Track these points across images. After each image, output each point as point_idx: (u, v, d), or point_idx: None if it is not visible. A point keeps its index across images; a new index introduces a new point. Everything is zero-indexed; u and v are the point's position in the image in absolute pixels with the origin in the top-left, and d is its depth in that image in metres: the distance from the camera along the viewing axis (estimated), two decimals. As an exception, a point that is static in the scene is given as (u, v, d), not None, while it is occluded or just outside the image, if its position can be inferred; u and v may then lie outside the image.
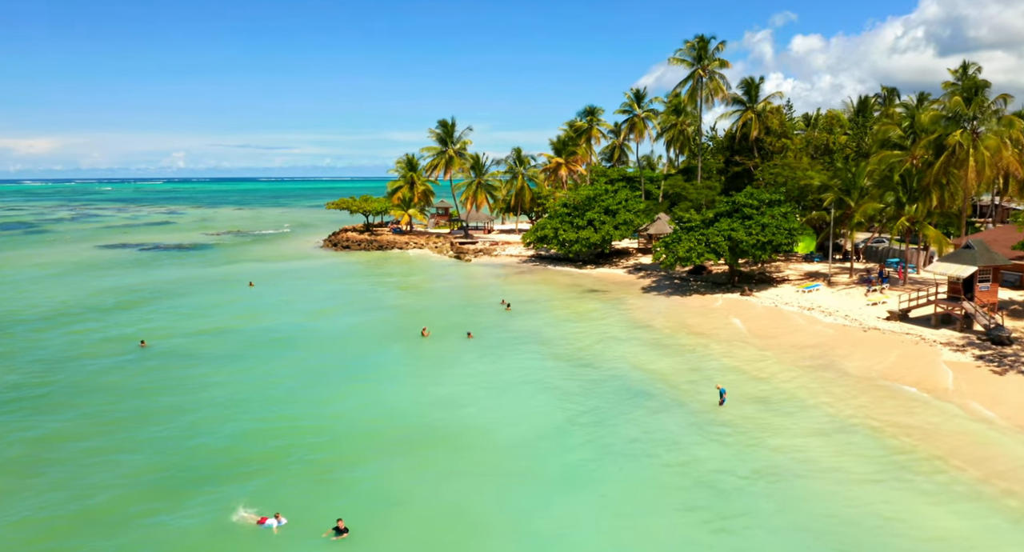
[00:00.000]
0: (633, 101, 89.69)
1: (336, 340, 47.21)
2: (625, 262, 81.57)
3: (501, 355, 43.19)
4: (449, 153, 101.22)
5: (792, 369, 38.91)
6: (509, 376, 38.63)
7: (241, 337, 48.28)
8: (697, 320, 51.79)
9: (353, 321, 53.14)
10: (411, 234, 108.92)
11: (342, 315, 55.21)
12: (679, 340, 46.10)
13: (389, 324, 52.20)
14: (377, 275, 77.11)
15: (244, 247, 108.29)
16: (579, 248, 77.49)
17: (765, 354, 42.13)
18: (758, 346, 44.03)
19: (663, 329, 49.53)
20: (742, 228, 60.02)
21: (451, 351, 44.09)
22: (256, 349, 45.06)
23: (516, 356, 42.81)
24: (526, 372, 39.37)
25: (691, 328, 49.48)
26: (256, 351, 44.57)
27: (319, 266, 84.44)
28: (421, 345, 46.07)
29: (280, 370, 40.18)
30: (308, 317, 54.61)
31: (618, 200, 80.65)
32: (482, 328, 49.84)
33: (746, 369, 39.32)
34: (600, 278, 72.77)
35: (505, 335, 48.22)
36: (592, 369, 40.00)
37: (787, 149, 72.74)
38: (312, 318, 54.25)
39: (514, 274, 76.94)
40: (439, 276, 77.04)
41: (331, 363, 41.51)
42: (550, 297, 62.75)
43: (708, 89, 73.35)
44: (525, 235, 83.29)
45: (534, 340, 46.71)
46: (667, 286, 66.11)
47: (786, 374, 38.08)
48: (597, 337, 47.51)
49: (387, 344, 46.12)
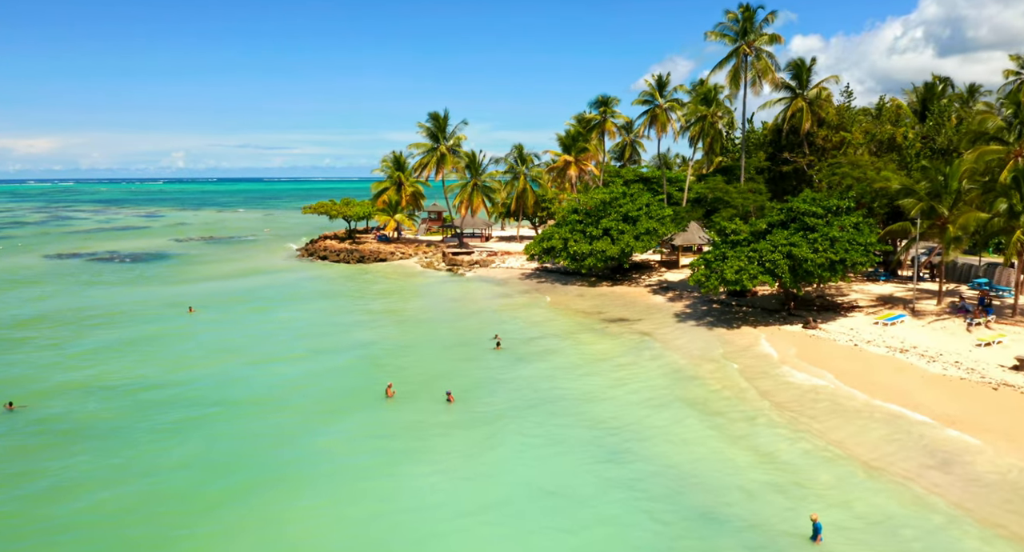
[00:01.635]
0: (654, 89, 76.59)
1: (268, 406, 34.21)
2: (647, 279, 68.54)
3: (491, 435, 30.21)
4: (441, 150, 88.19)
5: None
6: (499, 484, 25.48)
7: (147, 398, 35.37)
8: (760, 369, 38.73)
9: (301, 371, 40.20)
10: (398, 242, 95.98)
11: (289, 361, 42.24)
12: (745, 408, 33.01)
13: (347, 376, 39.20)
14: (350, 296, 64.15)
15: (209, 257, 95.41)
16: (593, 262, 64.55)
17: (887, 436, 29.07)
18: (872, 416, 30.95)
19: (716, 385, 36.48)
20: (805, 243, 47.01)
21: (420, 428, 31.08)
22: (153, 420, 32.16)
23: (512, 439, 29.79)
24: (526, 471, 26.36)
25: (755, 381, 36.41)
26: (152, 423, 31.67)
27: (285, 283, 71.49)
28: (381, 414, 33.10)
29: (165, 469, 27.07)
30: (244, 363, 41.68)
31: (639, 205, 67.67)
32: (469, 383, 36.95)
33: (857, 480, 26.30)
34: (619, 300, 59.77)
35: (499, 395, 35.28)
36: (626, 463, 26.97)
37: (847, 144, 59.66)
38: (249, 365, 41.32)
39: (515, 293, 63.98)
40: (425, 297, 64.09)
41: (243, 455, 28.34)
42: (558, 329, 49.78)
43: (755, 70, 60.00)
44: (528, 246, 70.36)
45: (538, 404, 33.79)
46: (704, 312, 53.11)
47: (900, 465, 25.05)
48: (626, 398, 34.55)
49: (335, 413, 33.11)
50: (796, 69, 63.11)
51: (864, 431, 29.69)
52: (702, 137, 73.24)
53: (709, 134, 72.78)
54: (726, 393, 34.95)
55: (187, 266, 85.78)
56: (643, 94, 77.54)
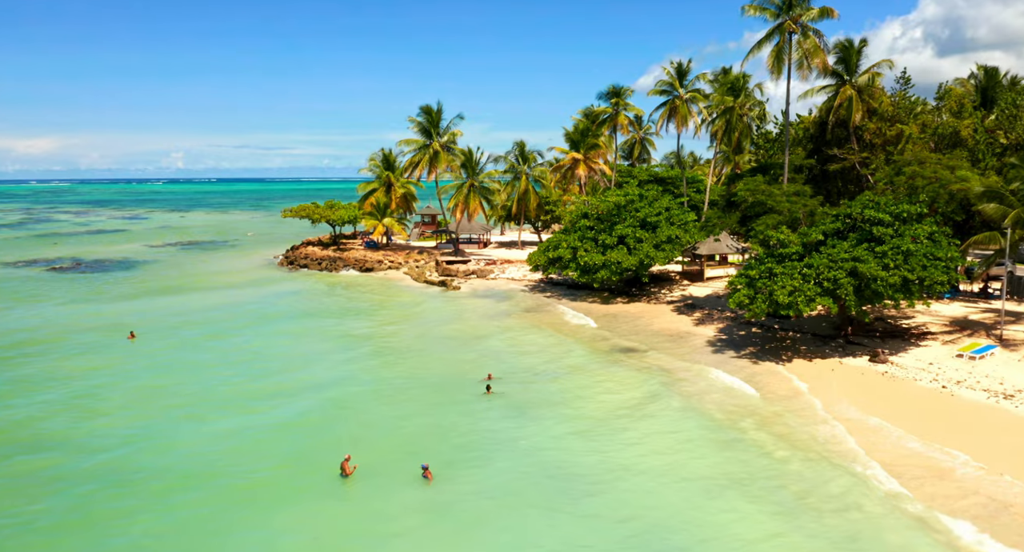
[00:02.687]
0: (674, 78, 67.68)
1: (181, 488, 25.35)
2: (668, 294, 59.65)
3: (483, 542, 21.36)
4: (434, 148, 79.25)
5: None
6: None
7: (23, 468, 26.60)
8: (835, 428, 29.75)
9: (242, 426, 31.36)
10: (387, 249, 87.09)
11: (231, 410, 33.40)
12: (845, 496, 24.02)
13: (298, 436, 30.31)
14: (324, 316, 55.24)
15: (179, 265, 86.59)
16: (606, 276, 55.75)
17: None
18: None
19: (783, 450, 27.53)
20: (872, 257, 38.14)
21: (384, 525, 22.24)
22: (15, 505, 23.35)
23: (513, 546, 20.97)
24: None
25: (838, 448, 27.45)
26: (10, 510, 22.88)
27: (254, 299, 62.64)
28: (332, 503, 24.22)
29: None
30: (173, 414, 32.86)
31: (657, 209, 58.86)
32: (455, 448, 28.16)
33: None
34: (637, 321, 50.90)
35: (493, 469, 26.44)
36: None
37: (905, 138, 50.72)
38: (179, 417, 32.51)
39: (515, 312, 55.11)
40: (411, 318, 55.18)
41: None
42: (564, 363, 40.88)
43: (802, 50, 50.59)
44: (532, 255, 61.54)
45: (545, 483, 24.98)
46: (743, 339, 44.26)
47: None
48: (661, 474, 25.72)
49: (270, 502, 24.22)
50: (843, 52, 53.91)
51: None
52: (728, 132, 64.30)
53: (736, 129, 63.84)
54: (798, 465, 25.99)
55: (151, 277, 76.96)
56: (660, 83, 68.63)
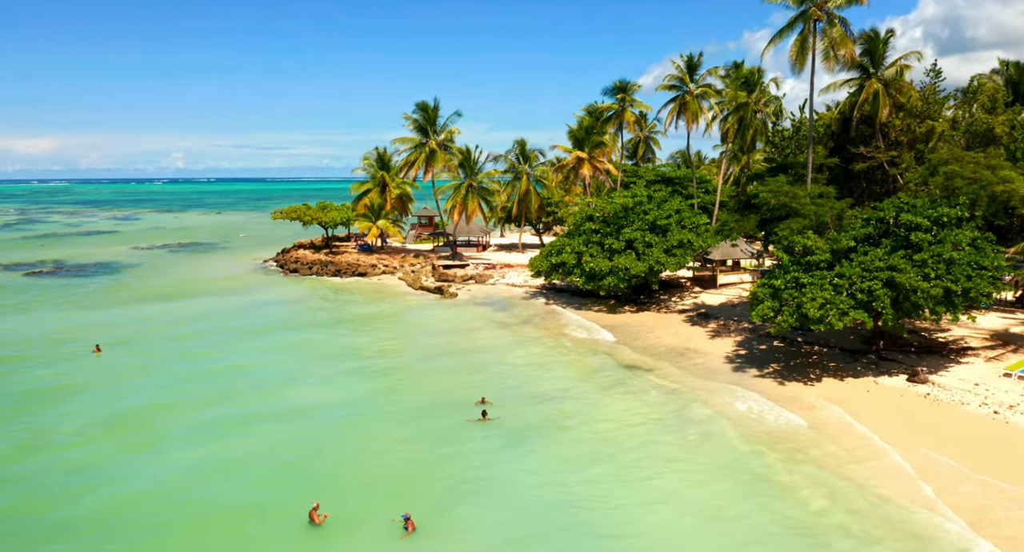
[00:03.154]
0: (684, 73, 63.67)
1: (118, 539, 21.57)
2: (679, 301, 55.82)
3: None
4: (430, 146, 75.38)
5: None
6: None
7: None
8: (879, 466, 25.89)
9: (203, 461, 27.56)
10: (382, 252, 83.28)
11: (192, 440, 29.59)
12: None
13: (262, 477, 26.43)
14: (310, 328, 51.37)
15: (164, 269, 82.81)
16: (613, 283, 51.92)
17: None
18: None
19: (821, 498, 23.67)
20: (910, 266, 34.29)
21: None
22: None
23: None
24: None
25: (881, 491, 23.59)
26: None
27: (237, 307, 58.85)
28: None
29: None
30: (127, 445, 29.14)
31: (667, 211, 55.03)
32: (441, 490, 24.36)
33: None
34: (647, 333, 47.09)
35: (483, 517, 22.64)
36: None
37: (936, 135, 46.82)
38: (133, 449, 28.77)
39: (515, 324, 51.31)
40: (403, 330, 51.38)
41: None
42: (568, 382, 37.04)
43: (828, 39, 46.32)
44: (534, 260, 57.71)
45: (546, 541, 21.13)
46: (764, 354, 40.43)
47: None
48: (686, 526, 21.91)
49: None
50: (868, 42, 49.94)
51: None
52: (742, 130, 60.41)
53: (751, 126, 59.94)
54: (842, 517, 22.09)
55: (131, 283, 73.19)
56: (670, 78, 64.61)
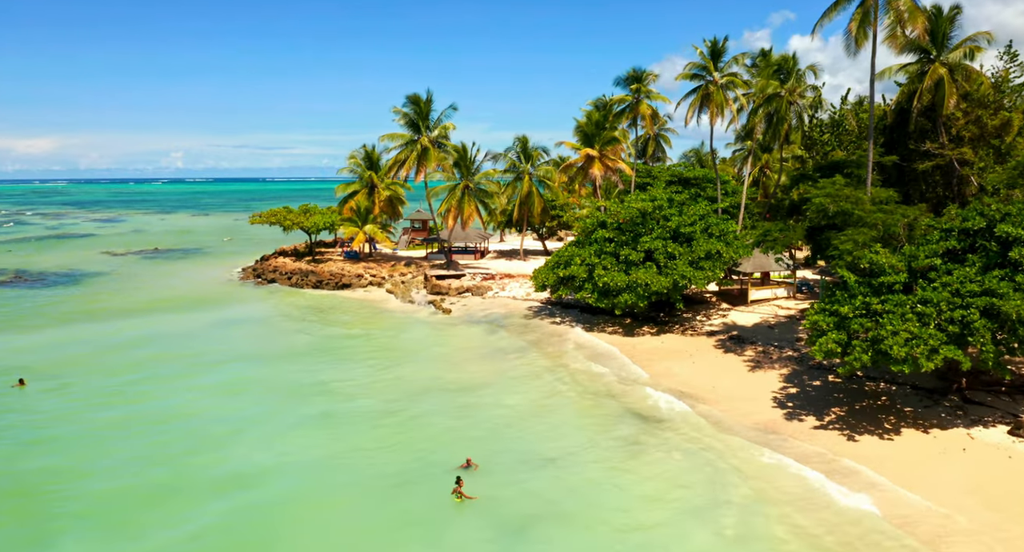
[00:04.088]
0: (708, 60, 56.39)
1: None
2: (705, 320, 48.56)
3: None
4: (422, 143, 68.05)
5: None
6: None
7: None
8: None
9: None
10: (370, 260, 75.96)
11: (85, 534, 22.35)
12: None
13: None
14: (268, 359, 43.82)
15: (130, 280, 75.56)
16: (631, 300, 44.70)
17: None
18: None
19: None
20: (1012, 290, 27.10)
21: None
22: None
23: None
24: None
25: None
26: None
27: (193, 330, 51.54)
28: None
29: None
30: (19, 532, 21.88)
31: (691, 217, 47.81)
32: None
33: None
34: (672, 363, 39.85)
35: None
36: None
37: (1015, 129, 39.66)
38: (22, 538, 21.52)
39: (515, 349, 44.11)
40: (381, 360, 43.98)
41: None
42: (573, 444, 29.66)
43: (893, 13, 38.72)
44: (538, 272, 50.39)
45: None
46: (820, 393, 33.15)
47: None
48: None
49: None
50: (930, 21, 42.75)
51: None
52: (775, 124, 53.18)
53: (786, 119, 52.70)
54: None
55: (90, 295, 65.97)
56: (691, 66, 57.36)
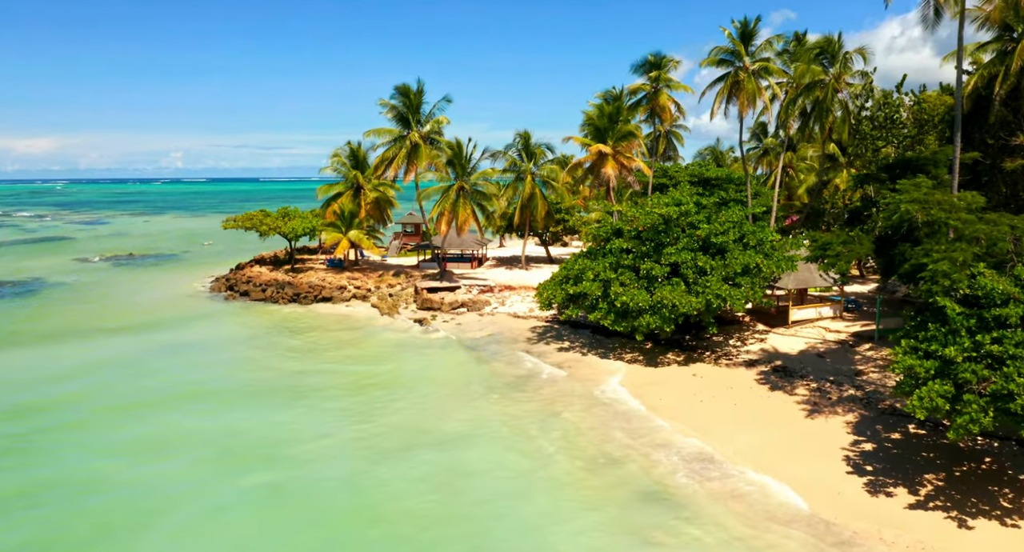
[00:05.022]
0: (737, 43, 49.17)
1: None
2: (740, 345, 41.36)
3: None
4: (413, 139, 60.79)
5: None
6: None
7: None
8: None
9: None
10: (355, 269, 68.68)
11: None
12: None
13: None
14: (217, 401, 36.57)
15: (94, 290, 68.37)
16: (655, 323, 37.52)
17: None
18: None
19: None
20: None
21: None
22: None
23: None
24: None
25: None
26: None
27: (137, 358, 44.29)
28: None
29: None
30: None
31: (724, 225, 40.62)
32: None
33: None
34: (707, 405, 32.65)
35: None
36: None
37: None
38: None
39: (514, 389, 36.87)
40: (354, 401, 36.68)
41: None
42: (597, 535, 22.47)
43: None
44: (543, 287, 43.13)
45: None
46: (903, 449, 25.91)
47: None
48: None
49: None
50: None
51: None
52: (818, 116, 45.99)
53: (831, 111, 45.53)
54: None
55: (41, 310, 58.78)
56: (718, 50, 50.14)
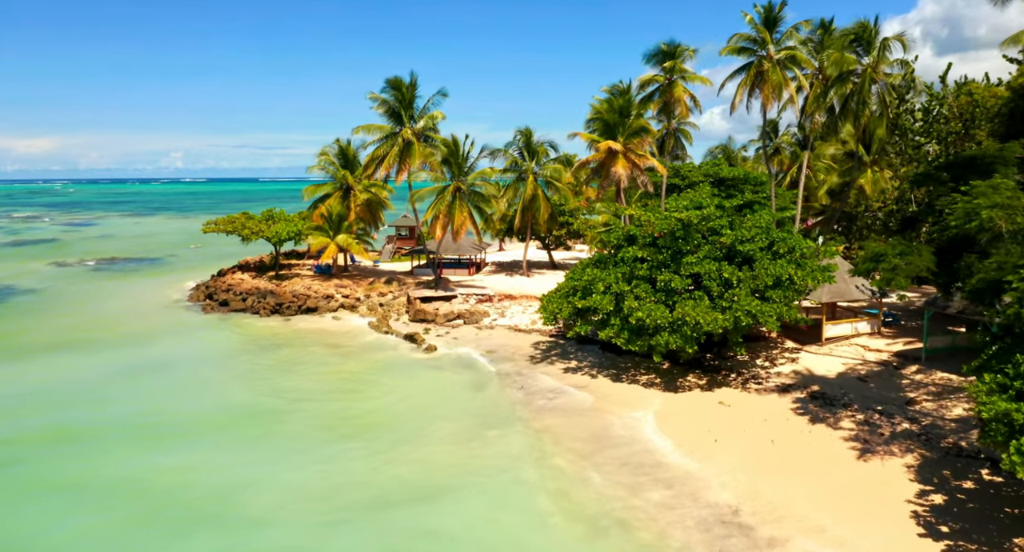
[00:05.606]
0: (761, 29, 44.65)
1: None
2: (769, 365, 36.82)
3: None
4: (405, 136, 56.26)
5: None
6: None
7: None
8: None
9: None
10: (344, 276, 64.11)
11: None
12: None
13: None
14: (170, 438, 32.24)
15: (64, 298, 63.93)
16: (675, 343, 33.03)
17: None
18: None
19: None
20: None
21: None
22: None
23: None
24: None
25: None
26: None
27: (88, 383, 39.89)
28: None
29: None
30: None
31: (752, 231, 35.99)
32: None
33: None
34: (735, 441, 28.17)
35: None
36: None
37: None
38: None
39: (516, 428, 32.36)
40: (327, 435, 32.16)
41: None
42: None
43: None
44: (547, 299, 38.52)
45: None
46: (981, 505, 21.36)
47: None
48: None
49: None
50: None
51: None
52: (854, 111, 41.44)
53: (867, 103, 40.98)
54: None
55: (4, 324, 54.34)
56: (739, 38, 45.58)
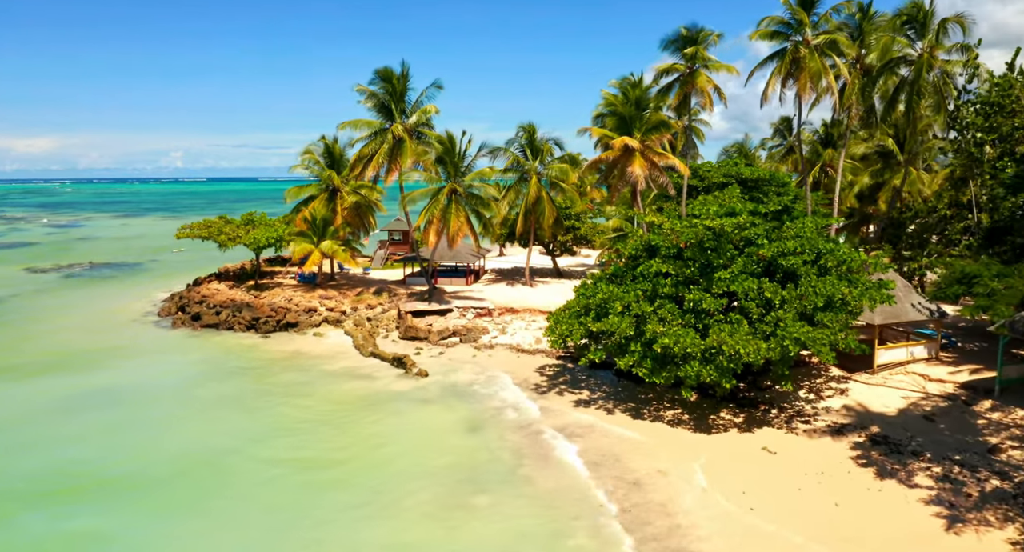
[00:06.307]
0: (799, 10, 39.34)
1: None
2: (816, 399, 31.49)
3: None
4: (396, 133, 50.92)
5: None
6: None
7: None
8: None
9: None
10: (329, 286, 58.71)
11: None
12: None
13: None
14: (101, 502, 26.84)
15: (27, 310, 58.65)
16: (708, 376, 27.73)
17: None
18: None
19: None
20: None
21: None
22: None
23: None
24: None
25: None
26: None
27: (22, 417, 34.53)
28: None
29: None
30: None
31: (794, 242, 30.62)
32: None
33: None
34: (785, 509, 22.78)
35: None
36: None
37: None
38: None
39: (507, 484, 27.01)
40: (290, 498, 26.82)
41: None
42: None
43: None
44: (556, 319, 33.12)
45: None
46: None
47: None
48: None
49: None
50: None
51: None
52: (908, 99, 36.11)
53: (924, 93, 35.65)
54: None
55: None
56: (771, 21, 40.30)
